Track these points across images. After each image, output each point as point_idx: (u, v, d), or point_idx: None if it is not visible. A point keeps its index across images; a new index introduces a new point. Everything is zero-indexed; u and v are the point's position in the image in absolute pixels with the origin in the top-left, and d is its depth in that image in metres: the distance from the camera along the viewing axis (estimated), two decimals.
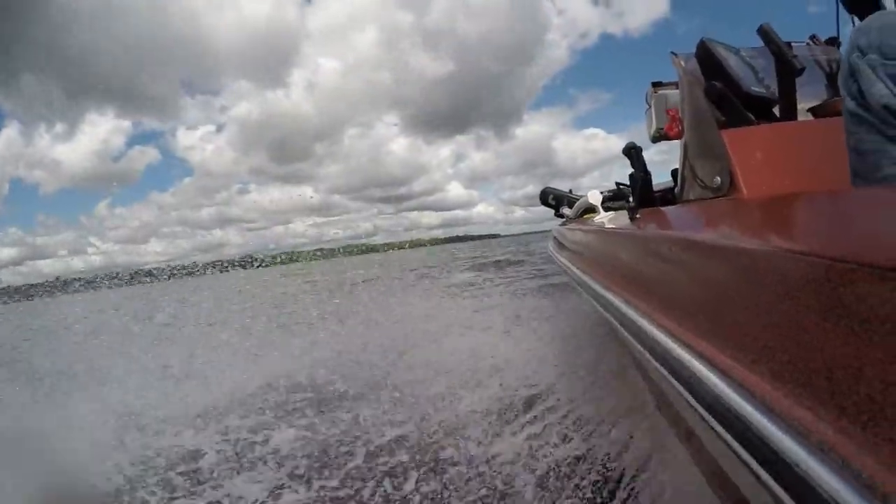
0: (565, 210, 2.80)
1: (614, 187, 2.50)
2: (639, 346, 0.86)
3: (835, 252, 0.43)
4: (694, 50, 1.43)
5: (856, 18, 1.49)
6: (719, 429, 0.52)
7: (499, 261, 12.49)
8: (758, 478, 0.44)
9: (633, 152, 1.51)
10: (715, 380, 0.54)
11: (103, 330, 4.85)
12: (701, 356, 0.59)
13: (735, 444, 0.48)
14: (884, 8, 1.14)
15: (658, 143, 2.29)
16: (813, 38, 1.70)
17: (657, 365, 0.74)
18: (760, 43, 1.39)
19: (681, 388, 0.64)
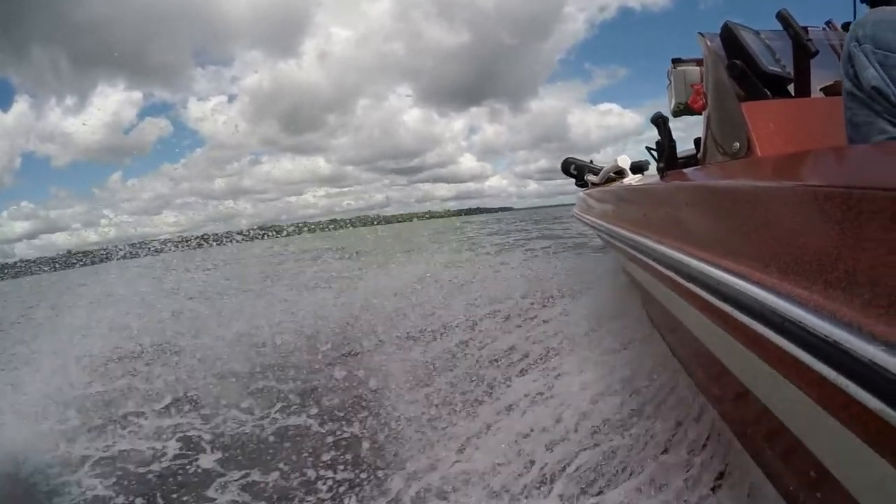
0: (590, 177, 2.95)
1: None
2: (675, 277, 1.04)
3: (835, 182, 0.56)
4: (715, 30, 1.59)
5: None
6: (762, 330, 0.64)
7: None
8: (785, 342, 0.57)
9: (660, 121, 1.68)
10: (751, 287, 0.67)
11: None
12: (738, 275, 0.73)
13: (772, 335, 0.61)
14: None
15: (674, 120, 2.43)
16: (829, 23, 1.85)
17: (696, 289, 0.89)
18: (779, 25, 1.54)
19: (720, 304, 0.78)
